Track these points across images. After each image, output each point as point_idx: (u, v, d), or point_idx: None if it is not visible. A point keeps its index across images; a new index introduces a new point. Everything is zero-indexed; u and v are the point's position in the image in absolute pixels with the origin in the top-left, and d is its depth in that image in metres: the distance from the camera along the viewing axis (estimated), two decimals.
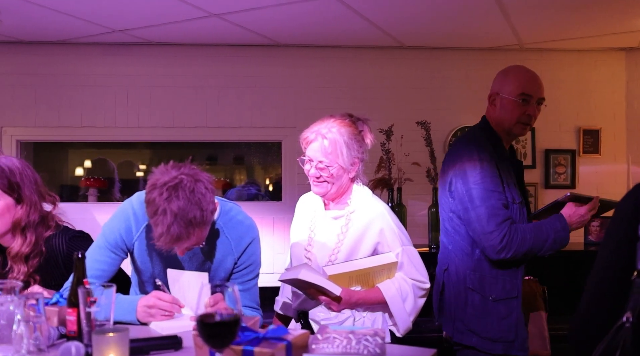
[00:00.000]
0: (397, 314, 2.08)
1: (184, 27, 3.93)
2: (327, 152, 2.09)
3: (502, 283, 2.26)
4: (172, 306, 1.92)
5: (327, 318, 2.10)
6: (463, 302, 2.31)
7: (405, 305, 2.09)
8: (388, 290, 2.08)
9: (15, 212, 2.07)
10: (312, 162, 2.12)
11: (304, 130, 2.17)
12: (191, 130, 4.48)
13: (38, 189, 2.14)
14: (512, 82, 2.34)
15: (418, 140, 4.17)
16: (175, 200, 1.75)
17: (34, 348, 1.47)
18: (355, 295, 2.07)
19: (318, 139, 2.11)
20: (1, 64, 4.39)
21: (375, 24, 3.90)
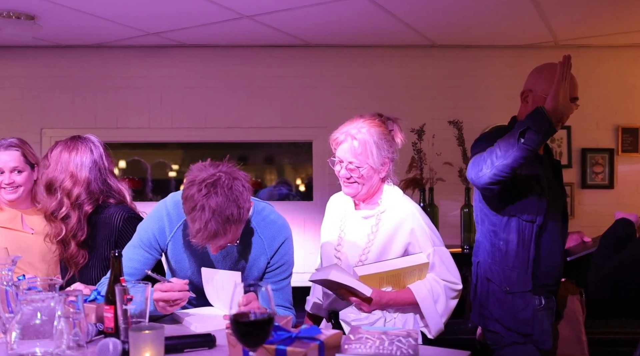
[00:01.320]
0: (429, 315, 2.07)
1: (216, 29, 3.98)
2: (357, 152, 2.08)
3: (517, 275, 2.23)
4: (170, 294, 1.86)
5: (357, 319, 2.09)
6: (486, 292, 2.31)
7: (437, 306, 2.07)
8: (419, 291, 2.07)
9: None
10: (342, 163, 2.12)
11: (334, 131, 2.17)
12: (223, 131, 4.53)
13: (77, 172, 2.33)
14: (546, 79, 2.26)
15: (450, 140, 4.12)
16: (214, 197, 1.78)
17: (73, 343, 1.51)
18: (386, 296, 2.06)
19: (348, 140, 2.10)
20: (41, 68, 4.52)
21: (407, 23, 3.87)
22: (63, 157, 2.32)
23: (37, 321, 1.52)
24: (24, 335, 1.50)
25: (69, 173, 2.29)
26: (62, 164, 2.31)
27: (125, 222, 2.28)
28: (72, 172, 2.30)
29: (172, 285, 1.88)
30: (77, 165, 2.31)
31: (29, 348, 1.50)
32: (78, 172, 2.30)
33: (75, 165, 2.31)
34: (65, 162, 2.31)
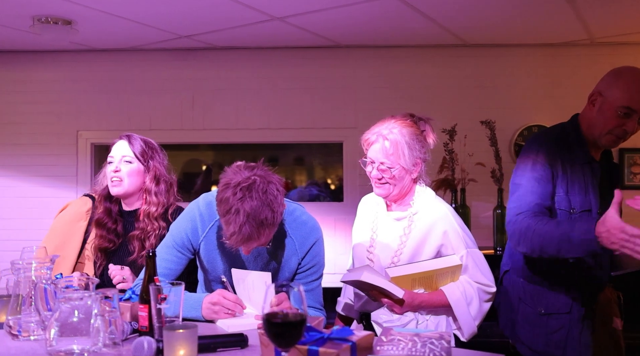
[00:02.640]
0: (462, 318, 2.04)
1: (247, 31, 4.01)
2: (388, 153, 2.07)
3: (554, 297, 2.18)
4: (235, 305, 1.95)
5: (389, 320, 2.08)
6: (515, 311, 2.26)
7: (470, 309, 2.05)
8: (452, 293, 2.05)
9: (144, 177, 2.41)
10: (374, 164, 2.11)
11: (365, 132, 2.16)
12: (254, 132, 4.57)
13: (165, 167, 2.47)
14: (621, 88, 2.09)
15: (482, 140, 4.07)
16: (249, 201, 1.78)
17: (109, 341, 1.54)
18: (418, 297, 2.04)
19: (379, 140, 2.09)
20: (77, 71, 4.63)
21: (438, 22, 3.84)
22: (164, 159, 2.53)
23: (74, 319, 1.56)
24: (62, 332, 1.54)
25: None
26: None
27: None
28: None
29: (238, 299, 1.97)
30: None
31: (67, 345, 1.53)
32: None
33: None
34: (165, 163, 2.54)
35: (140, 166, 2.40)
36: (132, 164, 2.39)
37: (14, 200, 4.54)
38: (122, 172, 2.37)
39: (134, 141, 2.43)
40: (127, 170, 2.38)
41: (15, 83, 4.63)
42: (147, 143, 2.45)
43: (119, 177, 2.37)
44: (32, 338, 1.69)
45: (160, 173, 2.41)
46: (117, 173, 2.36)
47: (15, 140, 4.61)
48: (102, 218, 2.40)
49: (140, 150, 2.40)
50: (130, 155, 2.39)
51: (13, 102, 4.63)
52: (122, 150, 2.41)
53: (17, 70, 4.64)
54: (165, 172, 2.45)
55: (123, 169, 2.37)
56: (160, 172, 2.42)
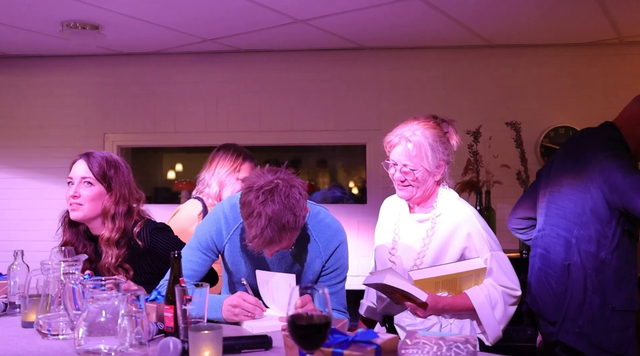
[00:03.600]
0: (486, 322, 2.02)
1: (270, 34, 4.03)
2: (411, 155, 2.05)
3: (626, 293, 2.16)
4: (255, 308, 1.96)
5: (412, 324, 2.06)
6: (579, 303, 2.22)
7: (494, 313, 2.02)
8: (476, 296, 2.02)
9: (104, 200, 2.23)
10: (397, 166, 2.10)
11: (388, 134, 2.15)
12: (277, 134, 4.59)
13: (128, 184, 2.29)
14: None
15: (507, 142, 4.02)
16: (271, 204, 1.79)
17: (135, 341, 1.56)
18: (442, 301, 2.02)
19: (402, 142, 2.08)
20: (103, 75, 4.71)
21: (462, 23, 3.81)
22: (127, 176, 2.34)
23: (102, 319, 1.58)
24: (90, 332, 1.56)
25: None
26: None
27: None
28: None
29: (257, 301, 1.97)
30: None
31: (94, 345, 1.56)
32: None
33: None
34: (129, 181, 2.35)
35: (101, 188, 2.23)
36: (92, 186, 2.22)
37: (43, 202, 4.63)
38: (81, 196, 2.21)
39: (92, 161, 2.23)
40: (87, 194, 2.21)
41: (44, 87, 4.73)
42: (108, 162, 2.26)
43: (78, 202, 2.21)
44: (61, 337, 1.72)
45: (121, 195, 2.24)
46: (76, 199, 2.21)
47: (43, 143, 4.71)
48: (69, 241, 2.26)
49: (100, 170, 2.22)
50: (90, 176, 2.22)
51: (42, 105, 4.73)
52: (80, 170, 2.24)
53: (45, 74, 4.74)
54: (127, 192, 2.27)
55: (83, 193, 2.21)
56: (122, 193, 2.24)
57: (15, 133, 4.74)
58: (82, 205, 2.21)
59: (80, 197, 2.21)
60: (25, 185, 4.71)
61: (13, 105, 4.76)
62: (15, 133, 4.74)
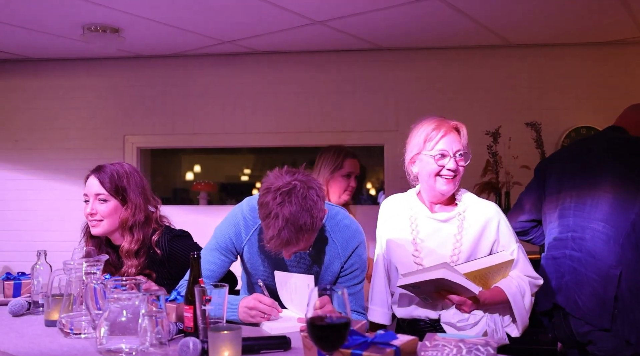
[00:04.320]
0: (518, 312, 2.04)
1: (288, 35, 4.04)
2: (463, 141, 2.08)
3: None
4: (272, 309, 1.97)
5: (463, 320, 2.05)
6: (630, 310, 2.25)
7: (524, 302, 2.06)
8: (509, 288, 2.05)
9: (121, 213, 2.25)
10: (448, 156, 2.06)
11: (422, 129, 2.10)
12: (295, 135, 4.60)
13: (144, 192, 2.31)
14: None
15: (528, 142, 3.99)
16: (288, 206, 1.80)
17: (156, 341, 1.57)
18: (483, 295, 2.02)
19: (451, 130, 2.08)
20: (123, 78, 4.77)
21: (481, 23, 3.78)
22: (140, 183, 2.35)
23: (123, 318, 1.60)
24: (111, 331, 1.58)
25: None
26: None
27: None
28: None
29: (274, 303, 1.97)
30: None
31: (116, 344, 1.58)
32: None
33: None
34: (144, 187, 2.36)
35: (116, 202, 2.25)
36: (107, 202, 2.24)
37: (65, 203, 4.70)
38: (98, 213, 2.24)
39: (104, 176, 2.25)
40: (103, 210, 2.23)
41: (65, 89, 4.80)
42: (119, 175, 2.26)
43: (97, 219, 2.24)
44: (83, 336, 1.75)
45: (137, 205, 2.25)
46: (94, 217, 2.24)
47: (64, 145, 4.77)
48: (92, 253, 2.25)
49: (112, 185, 2.24)
50: (103, 192, 2.24)
51: (63, 107, 4.80)
52: (93, 187, 2.25)
53: (66, 77, 4.81)
54: (142, 201, 2.28)
55: (99, 209, 2.24)
56: (137, 203, 2.26)
57: (37, 136, 4.82)
58: (100, 221, 2.25)
59: (97, 214, 2.24)
60: (48, 186, 4.78)
61: (34, 108, 4.83)
62: (37, 136, 4.82)
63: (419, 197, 2.20)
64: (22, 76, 4.84)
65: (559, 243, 2.49)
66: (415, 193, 2.22)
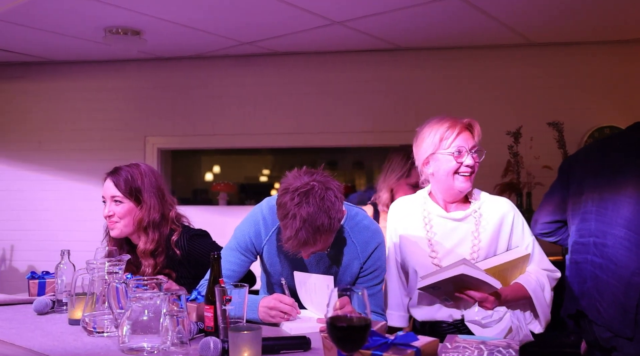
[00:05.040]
0: (540, 308, 2.03)
1: (307, 36, 4.05)
2: (477, 138, 2.07)
3: None
4: (292, 309, 1.97)
5: (487, 317, 2.04)
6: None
7: (545, 297, 2.05)
8: (529, 283, 2.04)
9: (136, 213, 2.27)
10: (465, 152, 2.05)
11: (436, 128, 2.09)
12: (314, 136, 4.60)
13: (159, 192, 2.32)
14: None
15: (549, 143, 3.94)
16: (305, 206, 1.80)
17: (177, 340, 1.58)
18: (504, 291, 2.00)
19: (466, 128, 2.07)
20: (144, 79, 4.82)
21: (501, 21, 3.74)
22: (155, 183, 2.35)
23: (144, 317, 1.61)
24: (133, 330, 1.60)
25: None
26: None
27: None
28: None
29: (294, 303, 1.97)
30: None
31: (138, 343, 1.59)
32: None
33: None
34: (159, 186, 2.36)
35: (131, 203, 2.27)
36: (122, 203, 2.27)
37: (86, 203, 4.77)
38: (115, 214, 2.27)
39: (119, 178, 2.28)
40: (119, 211, 2.26)
41: (87, 91, 4.87)
42: (133, 176, 2.28)
43: (114, 221, 2.28)
44: (105, 335, 1.77)
45: (151, 205, 2.27)
46: (112, 218, 2.28)
47: (86, 146, 4.85)
48: (113, 252, 2.27)
49: (126, 187, 2.26)
50: (118, 194, 2.27)
51: (84, 109, 4.87)
52: (109, 189, 2.29)
53: (89, 79, 4.88)
54: (157, 201, 2.29)
55: (115, 211, 2.27)
56: (151, 203, 2.27)
57: (60, 137, 4.89)
58: (117, 222, 2.28)
59: (114, 216, 2.28)
60: (70, 186, 4.86)
61: (58, 110, 4.91)
62: (60, 137, 4.89)
63: (431, 197, 2.19)
64: (46, 78, 4.93)
65: (581, 248, 2.44)
66: (426, 194, 2.20)
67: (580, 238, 2.44)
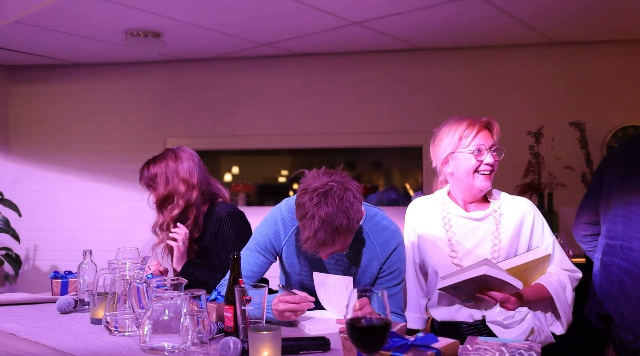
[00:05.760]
0: (562, 308, 2.02)
1: (325, 37, 4.05)
2: (497, 136, 2.07)
3: None
4: (300, 303, 1.91)
5: (508, 317, 2.02)
6: None
7: (567, 298, 2.03)
8: (550, 284, 2.02)
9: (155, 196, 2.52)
10: (484, 150, 2.05)
11: (450, 130, 2.09)
12: (333, 137, 4.60)
13: (175, 174, 2.50)
14: None
15: (571, 143, 3.88)
16: (324, 207, 1.80)
17: (197, 340, 1.59)
18: (525, 292, 1.99)
19: (484, 127, 2.07)
20: (164, 81, 4.87)
21: (522, 21, 3.70)
22: (170, 168, 2.51)
23: (165, 317, 1.63)
24: (154, 329, 1.61)
25: (181, 180, 2.49)
26: (172, 174, 2.51)
27: (227, 216, 2.47)
28: (184, 178, 2.49)
29: (299, 298, 1.93)
30: (186, 172, 2.51)
31: (158, 342, 1.61)
32: (190, 178, 2.50)
33: (185, 172, 2.51)
34: (175, 171, 2.51)
35: (151, 192, 2.55)
36: (151, 195, 2.55)
37: (106, 204, 4.83)
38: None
39: (141, 173, 2.58)
40: (152, 200, 2.55)
41: (108, 93, 4.94)
42: (150, 168, 2.56)
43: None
44: (127, 334, 1.79)
45: (165, 190, 2.50)
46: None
47: (107, 147, 4.91)
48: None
49: (146, 181, 2.56)
50: (143, 186, 2.58)
51: (106, 111, 4.93)
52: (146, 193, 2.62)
53: (109, 81, 4.94)
54: (170, 180, 2.50)
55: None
56: (163, 190, 2.50)
57: (81, 138, 4.96)
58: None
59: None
60: (92, 187, 4.92)
61: (79, 111, 4.99)
62: (81, 138, 4.96)
63: (450, 196, 2.17)
64: (68, 81, 5.00)
65: (610, 250, 2.41)
66: (445, 194, 2.19)
67: (610, 240, 2.41)
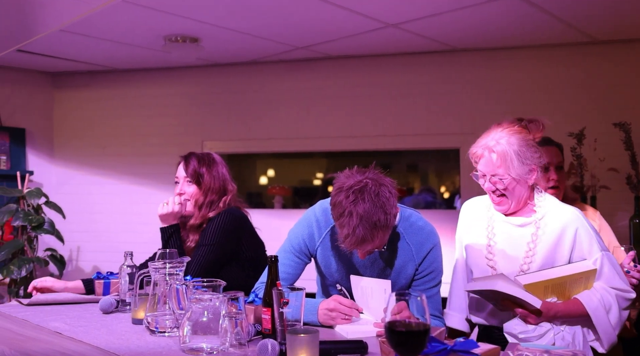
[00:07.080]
0: (601, 328, 1.93)
1: (361, 39, 4.04)
2: (496, 165, 2.01)
3: None
4: (352, 310, 1.95)
5: (525, 331, 1.98)
6: None
7: (609, 317, 1.94)
8: (589, 301, 1.94)
9: (195, 193, 2.52)
10: (485, 177, 2.06)
11: (472, 146, 2.11)
12: (369, 139, 4.58)
13: (220, 179, 2.54)
14: None
15: (615, 144, 3.76)
16: (361, 203, 1.80)
17: (235, 341, 1.61)
18: (554, 307, 1.94)
19: (485, 154, 2.04)
20: (201, 85, 4.94)
21: (562, 19, 3.61)
22: (221, 172, 2.58)
23: (204, 318, 1.65)
24: (194, 330, 1.64)
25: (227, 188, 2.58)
26: (223, 180, 2.57)
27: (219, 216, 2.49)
28: (229, 189, 2.60)
29: (352, 303, 1.96)
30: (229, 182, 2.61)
31: (198, 343, 1.63)
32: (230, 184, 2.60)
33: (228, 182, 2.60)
34: (224, 179, 2.58)
35: (195, 186, 2.52)
36: (191, 185, 2.52)
37: (144, 207, 4.93)
38: (185, 193, 2.53)
39: (189, 162, 2.54)
40: (190, 191, 2.52)
41: (147, 98, 5.04)
42: (200, 161, 2.54)
43: (185, 198, 2.53)
44: (167, 335, 1.82)
45: (209, 187, 2.51)
46: (182, 196, 2.53)
47: (147, 151, 5.01)
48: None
49: (192, 171, 2.52)
50: (187, 176, 2.53)
51: (145, 115, 5.04)
52: (181, 171, 2.56)
53: (149, 86, 5.05)
54: (217, 185, 2.52)
55: (187, 190, 2.53)
56: (210, 185, 2.51)
57: (121, 142, 5.09)
58: (188, 200, 2.52)
59: (185, 194, 2.53)
60: (132, 190, 5.04)
61: (119, 116, 5.11)
62: (121, 142, 5.09)
63: None
64: (109, 86, 5.14)
65: None
66: None
67: None
